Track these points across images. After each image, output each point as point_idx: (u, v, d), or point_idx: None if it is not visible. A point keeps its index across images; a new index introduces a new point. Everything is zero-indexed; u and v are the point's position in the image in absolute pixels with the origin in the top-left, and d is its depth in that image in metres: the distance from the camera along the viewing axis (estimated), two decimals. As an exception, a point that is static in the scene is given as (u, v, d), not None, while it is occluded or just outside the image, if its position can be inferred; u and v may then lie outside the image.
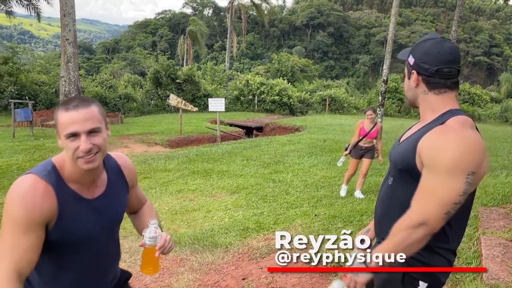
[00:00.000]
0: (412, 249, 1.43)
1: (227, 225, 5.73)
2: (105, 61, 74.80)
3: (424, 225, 1.38)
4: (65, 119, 1.33)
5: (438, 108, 1.50)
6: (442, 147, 1.37)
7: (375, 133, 6.40)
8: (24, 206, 1.24)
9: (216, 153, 11.19)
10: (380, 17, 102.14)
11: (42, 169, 1.34)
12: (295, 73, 32.71)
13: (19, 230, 1.24)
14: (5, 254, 1.23)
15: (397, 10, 9.45)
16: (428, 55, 1.49)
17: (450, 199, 1.35)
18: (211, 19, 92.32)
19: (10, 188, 1.32)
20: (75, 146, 1.31)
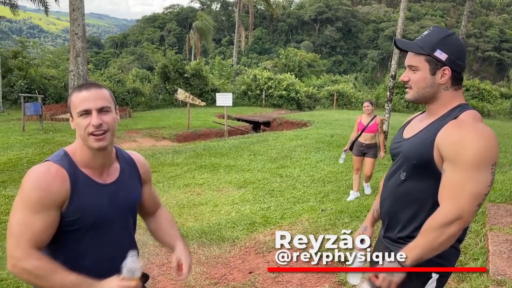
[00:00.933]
0: (445, 246, 1.46)
1: (234, 219, 5.77)
2: (113, 55, 75.01)
3: (458, 220, 1.41)
4: (78, 98, 1.41)
5: (449, 103, 1.52)
6: (465, 142, 1.39)
7: (375, 127, 6.00)
8: (38, 187, 1.32)
9: (223, 147, 11.23)
10: (389, 11, 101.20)
11: (55, 156, 1.43)
12: (303, 68, 32.59)
13: (32, 209, 1.31)
14: (21, 232, 1.31)
15: (406, 5, 9.37)
16: (461, 51, 1.51)
17: (481, 191, 1.40)
18: (219, 13, 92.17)
19: (26, 173, 1.38)
20: (86, 122, 1.39)
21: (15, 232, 1.32)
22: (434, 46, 1.50)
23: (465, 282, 3.07)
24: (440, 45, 1.49)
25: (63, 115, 16.38)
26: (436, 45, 1.50)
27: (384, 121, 10.21)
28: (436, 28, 1.56)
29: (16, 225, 1.32)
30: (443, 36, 1.51)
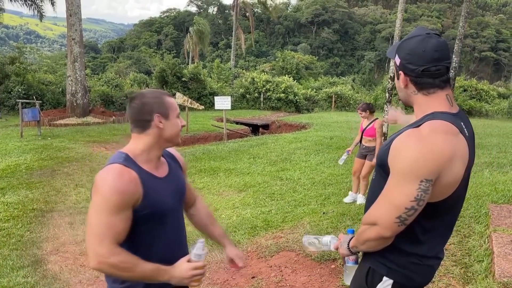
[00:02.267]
0: (367, 245, 1.48)
1: (235, 223, 5.74)
2: (110, 60, 75.04)
3: (376, 226, 1.41)
4: (173, 102, 1.69)
5: (424, 109, 1.46)
6: (401, 149, 1.36)
7: (372, 131, 5.93)
8: (116, 191, 1.46)
9: (222, 151, 11.19)
10: (385, 13, 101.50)
11: (118, 158, 1.57)
12: (300, 70, 32.61)
13: (113, 211, 1.46)
14: (103, 232, 1.45)
15: (403, 6, 9.37)
16: (412, 54, 1.43)
17: (401, 203, 1.34)
18: (215, 17, 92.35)
19: (98, 177, 1.53)
20: (181, 123, 1.70)
21: (98, 232, 1.46)
22: (396, 51, 1.50)
23: (470, 285, 3.05)
24: (398, 49, 1.50)
25: (61, 121, 16.33)
26: (397, 50, 1.50)
27: (384, 123, 10.20)
28: (413, 31, 1.54)
29: (99, 226, 1.47)
30: (404, 39, 1.50)
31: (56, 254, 4.86)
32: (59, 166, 9.11)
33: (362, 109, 6.00)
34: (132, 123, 1.63)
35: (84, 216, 6.42)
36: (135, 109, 1.61)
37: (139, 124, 1.61)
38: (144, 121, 1.60)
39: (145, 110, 1.60)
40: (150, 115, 1.59)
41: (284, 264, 4.15)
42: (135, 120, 1.62)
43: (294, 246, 4.50)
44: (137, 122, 1.62)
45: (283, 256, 4.36)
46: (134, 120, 1.62)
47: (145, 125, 1.61)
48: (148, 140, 1.62)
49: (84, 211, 6.71)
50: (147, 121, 1.60)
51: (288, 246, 4.56)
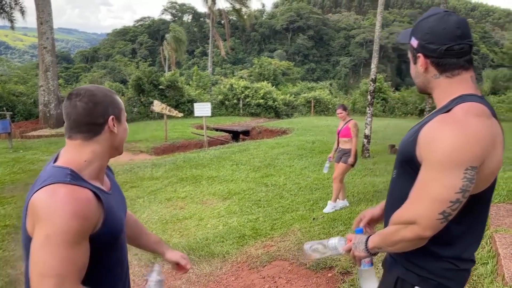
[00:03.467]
0: (400, 246, 1.30)
1: (222, 233, 5.50)
2: (84, 70, 73.57)
3: (414, 225, 1.23)
4: (122, 102, 1.41)
5: (450, 93, 1.32)
6: (438, 138, 1.20)
7: (347, 131, 5.82)
8: (75, 216, 1.14)
9: (204, 158, 10.92)
10: (358, 19, 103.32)
11: (63, 176, 1.22)
12: (278, 76, 32.62)
13: (72, 242, 1.14)
14: (63, 271, 1.13)
15: (382, 9, 9.38)
16: (433, 33, 1.30)
17: (445, 196, 1.18)
18: (191, 25, 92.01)
19: (42, 203, 1.16)
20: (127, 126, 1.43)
21: (55, 272, 1.12)
22: (411, 33, 1.40)
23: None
24: (414, 31, 1.39)
25: (33, 132, 15.73)
26: (412, 32, 1.39)
27: (366, 125, 10.16)
28: (427, 11, 1.41)
29: (57, 264, 1.12)
30: (418, 21, 1.39)
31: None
32: (32, 180, 8.48)
33: (343, 108, 5.91)
34: (77, 127, 1.28)
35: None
36: (84, 110, 1.27)
37: (88, 129, 1.28)
38: (96, 124, 1.29)
39: (97, 111, 1.29)
40: (103, 117, 1.30)
41: (277, 275, 3.93)
42: (83, 124, 1.28)
43: (287, 255, 4.29)
44: (85, 126, 1.28)
45: (276, 265, 4.14)
46: (80, 124, 1.28)
47: (96, 130, 1.30)
48: (96, 148, 1.31)
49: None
50: (99, 124, 1.30)
51: (281, 255, 4.35)
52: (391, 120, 21.25)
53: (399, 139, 6.29)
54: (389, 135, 14.16)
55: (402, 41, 1.46)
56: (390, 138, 13.44)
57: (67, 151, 1.33)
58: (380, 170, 8.33)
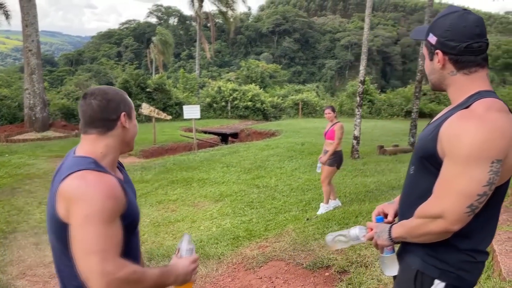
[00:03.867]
0: (426, 238, 1.33)
1: (215, 234, 5.48)
2: (68, 73, 72.59)
3: (441, 219, 1.26)
4: (131, 102, 1.53)
5: (467, 90, 1.35)
6: (462, 133, 1.22)
7: (332, 133, 5.79)
8: (108, 197, 1.26)
9: (194, 161, 10.89)
10: (343, 22, 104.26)
11: (87, 163, 1.34)
12: (265, 78, 32.69)
13: (109, 219, 1.26)
14: (104, 246, 1.24)
15: (370, 11, 9.49)
16: (453, 30, 1.33)
17: (472, 190, 1.21)
18: (176, 27, 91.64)
19: (75, 186, 1.27)
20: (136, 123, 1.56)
21: (98, 248, 1.23)
22: (428, 30, 1.42)
23: (475, 286, 2.94)
24: (432, 28, 1.40)
25: (19, 136, 15.46)
26: (429, 29, 1.41)
27: (356, 126, 10.25)
28: (444, 9, 1.44)
29: (98, 241, 1.23)
30: (437, 18, 1.41)
31: (23, 278, 4.43)
32: (19, 184, 8.52)
33: (331, 108, 5.89)
34: (92, 123, 1.41)
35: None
36: (98, 107, 1.40)
37: (102, 124, 1.41)
38: (109, 120, 1.42)
39: (111, 108, 1.42)
40: (116, 113, 1.43)
41: (274, 275, 3.94)
42: (98, 119, 1.40)
43: (283, 255, 4.30)
44: (100, 122, 1.41)
45: (272, 266, 4.14)
46: (96, 119, 1.40)
47: (110, 125, 1.42)
48: (110, 142, 1.43)
49: (50, 230, 6.26)
50: (112, 120, 1.42)
51: (276, 255, 4.36)
52: (378, 121, 21.47)
53: (387, 140, 6.49)
54: (377, 136, 14.32)
55: (416, 38, 1.48)
56: (378, 139, 13.59)
57: (83, 144, 1.43)
58: (370, 170, 8.42)
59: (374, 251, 3.79)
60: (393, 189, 6.56)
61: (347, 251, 3.98)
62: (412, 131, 11.10)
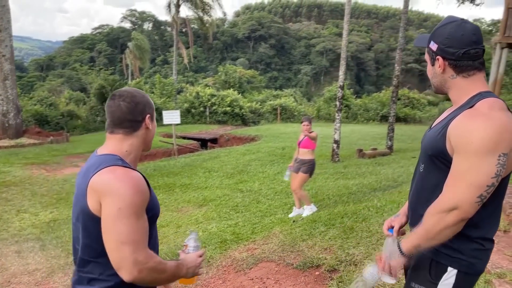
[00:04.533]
0: (444, 234, 1.40)
1: (203, 238, 5.49)
2: (39, 79, 70.92)
3: (456, 210, 1.36)
4: None
5: (468, 91, 1.48)
6: (471, 130, 1.34)
7: (307, 142, 5.91)
8: (138, 191, 1.35)
9: (175, 166, 10.84)
10: (318, 28, 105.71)
11: (114, 160, 1.43)
12: (243, 84, 32.79)
13: (139, 213, 1.35)
14: (136, 237, 1.32)
15: (348, 18, 9.72)
16: (452, 38, 1.46)
17: (482, 181, 1.33)
18: (151, 33, 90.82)
19: (106, 180, 1.35)
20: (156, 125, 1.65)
21: (130, 239, 1.32)
22: (430, 37, 1.55)
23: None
24: (433, 36, 1.53)
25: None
26: (431, 37, 1.54)
27: (336, 131, 10.43)
28: (444, 19, 1.57)
29: (130, 232, 1.32)
30: (437, 27, 1.54)
31: (8, 286, 4.34)
32: (-5, 191, 8.31)
33: (309, 120, 5.95)
34: (120, 124, 1.50)
35: (32, 243, 5.85)
36: (126, 108, 1.49)
37: (129, 125, 1.50)
38: (135, 121, 1.51)
39: (138, 110, 1.51)
40: (142, 115, 1.53)
41: (265, 276, 3.99)
42: (125, 120, 1.49)
43: (272, 256, 4.36)
44: (127, 122, 1.50)
45: (263, 267, 4.19)
46: (124, 120, 1.49)
47: (136, 125, 1.52)
48: (135, 141, 1.53)
49: (30, 237, 6.14)
50: (138, 121, 1.52)
51: (266, 256, 4.41)
52: (355, 126, 21.85)
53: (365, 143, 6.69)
54: (355, 140, 14.58)
55: (419, 45, 1.62)
56: (356, 143, 13.85)
57: (108, 144, 1.52)
58: (351, 173, 8.58)
59: (362, 250, 3.89)
60: (375, 191, 6.72)
61: (336, 250, 4.07)
62: (390, 134, 11.37)
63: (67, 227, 6.69)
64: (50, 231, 6.41)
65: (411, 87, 48.48)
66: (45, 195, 8.49)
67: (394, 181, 7.26)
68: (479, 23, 43.92)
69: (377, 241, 4.05)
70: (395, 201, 5.24)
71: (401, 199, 5.27)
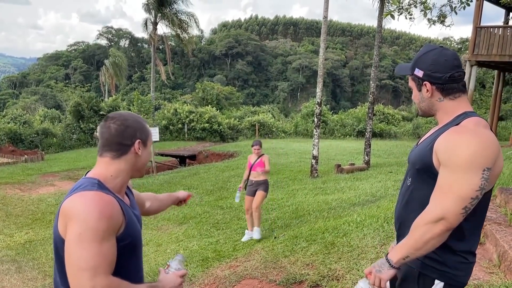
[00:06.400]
0: (431, 244, 1.46)
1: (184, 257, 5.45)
2: (12, 96, 69.41)
3: (442, 220, 1.42)
4: (151, 130, 1.63)
5: (454, 111, 1.58)
6: (458, 145, 1.42)
7: (261, 163, 6.03)
8: (103, 216, 1.30)
9: (153, 184, 10.75)
10: (294, 45, 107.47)
11: (91, 185, 1.39)
12: (221, 100, 32.90)
13: (102, 238, 1.30)
14: (95, 263, 1.28)
15: (325, 37, 9.97)
16: (437, 64, 1.56)
17: (467, 194, 1.40)
18: (128, 50, 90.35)
19: (73, 205, 1.32)
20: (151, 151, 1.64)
21: (88, 265, 1.27)
22: (413, 65, 1.64)
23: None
24: (417, 63, 1.62)
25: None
26: (414, 64, 1.63)
27: (314, 146, 10.56)
28: (423, 48, 1.68)
29: (88, 258, 1.28)
30: (420, 55, 1.63)
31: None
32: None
33: (260, 145, 6.10)
34: (107, 146, 1.47)
35: (8, 265, 5.69)
36: (115, 131, 1.46)
37: (116, 148, 1.47)
38: (123, 145, 1.47)
39: (127, 133, 1.48)
40: (131, 139, 1.48)
41: (249, 293, 3.99)
42: (113, 143, 1.46)
43: (255, 273, 4.36)
44: (114, 146, 1.47)
45: (246, 284, 4.19)
46: (111, 143, 1.46)
47: (123, 149, 1.48)
48: (121, 166, 1.48)
49: (5, 259, 5.96)
50: (126, 145, 1.48)
51: (248, 273, 4.40)
52: (332, 141, 22.14)
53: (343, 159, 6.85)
54: (333, 156, 14.77)
55: (401, 73, 1.72)
56: (334, 158, 14.03)
57: (96, 166, 1.50)
58: (330, 188, 8.68)
59: (344, 265, 3.94)
60: (354, 206, 6.82)
61: (318, 265, 4.11)
62: (367, 149, 11.57)
63: (43, 248, 6.52)
64: (26, 253, 6.25)
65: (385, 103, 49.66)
66: (20, 215, 8.27)
67: (373, 196, 7.39)
68: (448, 42, 45.59)
69: (358, 255, 4.11)
70: (374, 215, 5.33)
71: (380, 213, 5.37)
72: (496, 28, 12.00)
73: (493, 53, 11.58)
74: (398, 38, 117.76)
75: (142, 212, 1.90)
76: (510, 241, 3.29)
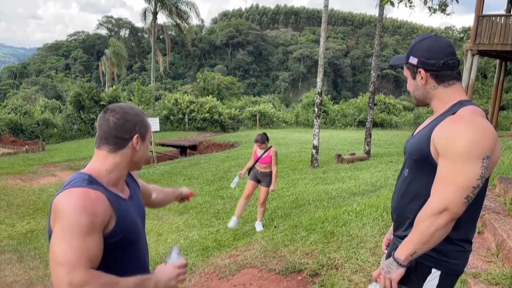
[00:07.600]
0: (437, 236, 1.46)
1: (184, 246, 5.49)
2: (12, 86, 69.38)
3: (446, 211, 1.42)
4: (150, 125, 1.61)
5: (449, 100, 1.57)
6: (456, 135, 1.42)
7: (268, 159, 5.93)
8: (85, 212, 1.29)
9: (154, 174, 10.77)
10: (295, 35, 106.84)
11: (81, 181, 1.38)
12: (222, 90, 32.80)
13: (84, 233, 1.28)
14: (74, 258, 1.26)
15: (326, 26, 9.90)
16: (431, 51, 1.56)
17: (469, 183, 1.41)
18: (128, 40, 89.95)
19: (58, 201, 1.32)
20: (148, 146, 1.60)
21: (67, 260, 1.26)
22: (408, 54, 1.64)
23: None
24: (411, 51, 1.63)
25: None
26: (409, 52, 1.64)
27: (314, 136, 10.56)
28: (417, 37, 1.68)
29: (68, 252, 1.26)
30: (414, 43, 1.64)
31: (-15, 301, 4.24)
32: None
33: (262, 141, 5.94)
34: (105, 139, 1.45)
35: (9, 255, 5.73)
36: (114, 124, 1.44)
37: (114, 142, 1.45)
38: (121, 139, 1.45)
39: (126, 128, 1.45)
40: (129, 134, 1.46)
41: (248, 282, 4.02)
42: (111, 137, 1.44)
43: (255, 262, 4.39)
44: (112, 139, 1.44)
45: (246, 273, 4.22)
46: (109, 136, 1.44)
47: (121, 143, 1.46)
48: (118, 160, 1.46)
49: (7, 249, 6.01)
50: (124, 140, 1.46)
51: (248, 263, 4.43)
52: (333, 131, 22.11)
53: (343, 148, 6.84)
54: (333, 146, 14.77)
55: (396, 63, 1.74)
56: (335, 148, 14.03)
57: (93, 160, 1.49)
58: (331, 178, 8.70)
59: (343, 254, 3.97)
60: (354, 195, 6.84)
61: (317, 254, 4.14)
62: (367, 139, 11.57)
63: (45, 238, 6.56)
64: (28, 242, 6.29)
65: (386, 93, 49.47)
66: (21, 205, 8.30)
67: (373, 186, 7.40)
68: (450, 31, 45.31)
69: (357, 244, 4.13)
70: (374, 205, 5.35)
71: (380, 203, 5.38)
72: (498, 16, 11.90)
73: (495, 42, 11.50)
74: (400, 28, 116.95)
75: (147, 203, 1.89)
76: (508, 230, 3.30)
